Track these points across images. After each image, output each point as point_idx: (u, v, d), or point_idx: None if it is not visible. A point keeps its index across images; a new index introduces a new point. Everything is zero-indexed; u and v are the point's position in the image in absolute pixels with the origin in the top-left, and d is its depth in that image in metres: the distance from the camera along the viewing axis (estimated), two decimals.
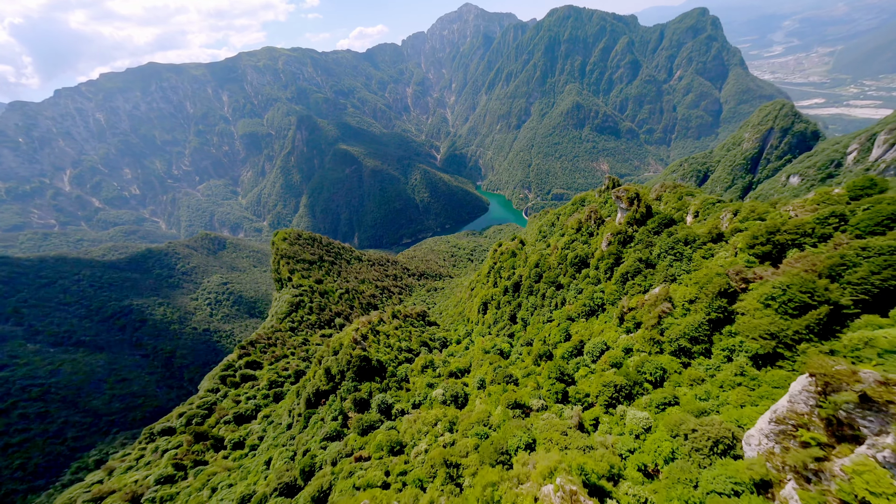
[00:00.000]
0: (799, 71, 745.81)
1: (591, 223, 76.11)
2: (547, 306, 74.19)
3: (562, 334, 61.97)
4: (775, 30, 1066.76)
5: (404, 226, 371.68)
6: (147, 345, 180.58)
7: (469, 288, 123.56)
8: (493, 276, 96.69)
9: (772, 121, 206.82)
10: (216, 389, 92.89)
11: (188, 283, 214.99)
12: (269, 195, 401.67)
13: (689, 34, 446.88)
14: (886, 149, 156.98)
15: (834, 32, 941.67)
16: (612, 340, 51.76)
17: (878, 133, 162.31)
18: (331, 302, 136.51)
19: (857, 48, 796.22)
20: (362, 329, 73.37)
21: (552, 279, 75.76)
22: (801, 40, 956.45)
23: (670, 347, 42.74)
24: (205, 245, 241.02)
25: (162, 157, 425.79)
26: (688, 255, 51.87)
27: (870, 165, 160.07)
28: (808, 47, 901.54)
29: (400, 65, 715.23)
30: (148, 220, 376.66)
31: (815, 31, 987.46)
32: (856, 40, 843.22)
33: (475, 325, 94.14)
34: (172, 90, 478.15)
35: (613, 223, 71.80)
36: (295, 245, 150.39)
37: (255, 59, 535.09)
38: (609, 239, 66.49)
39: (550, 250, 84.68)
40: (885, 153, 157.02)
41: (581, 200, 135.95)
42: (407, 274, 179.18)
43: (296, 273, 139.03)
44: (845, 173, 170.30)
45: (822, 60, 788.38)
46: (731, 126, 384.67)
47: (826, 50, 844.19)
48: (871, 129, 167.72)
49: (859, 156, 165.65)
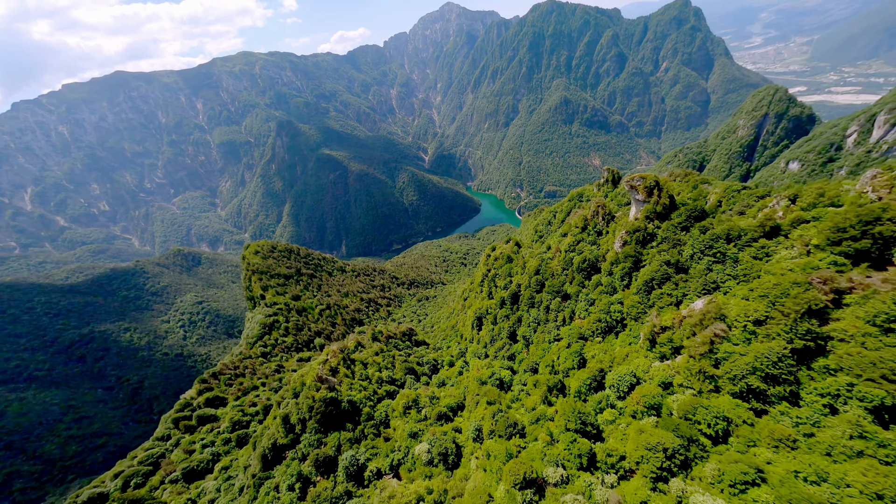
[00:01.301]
0: (779, 60, 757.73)
1: (598, 220, 64.76)
2: (552, 321, 62.45)
3: (574, 358, 50.16)
4: (753, 21, 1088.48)
5: (394, 231, 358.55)
6: (111, 376, 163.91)
7: (462, 297, 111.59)
8: (487, 286, 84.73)
9: (766, 106, 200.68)
10: (167, 436, 78.69)
11: (159, 303, 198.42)
12: (250, 205, 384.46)
13: (673, 25, 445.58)
14: (887, 129, 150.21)
15: (809, 22, 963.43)
16: (642, 370, 39.96)
17: (877, 114, 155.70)
18: (310, 320, 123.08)
19: (833, 37, 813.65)
20: (332, 361, 60.50)
21: (556, 288, 64.05)
22: (779, 31, 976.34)
23: (733, 387, 30.99)
24: (177, 262, 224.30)
25: (133, 169, 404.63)
26: (732, 255, 40.63)
27: (871, 147, 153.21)
28: (785, 37, 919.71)
29: (383, 66, 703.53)
30: (119, 237, 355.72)
31: (792, 22, 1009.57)
32: (831, 29, 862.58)
33: (469, 342, 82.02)
34: (142, 99, 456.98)
35: (626, 219, 60.52)
36: (269, 258, 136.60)
37: (231, 65, 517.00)
38: (624, 238, 55.12)
39: (552, 253, 73.10)
40: (887, 134, 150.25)
41: (578, 196, 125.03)
42: (396, 283, 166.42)
43: (270, 290, 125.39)
44: (846, 156, 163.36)
45: (801, 50, 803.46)
46: (721, 116, 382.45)
47: (803, 39, 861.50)
48: (870, 111, 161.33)
49: (860, 138, 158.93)
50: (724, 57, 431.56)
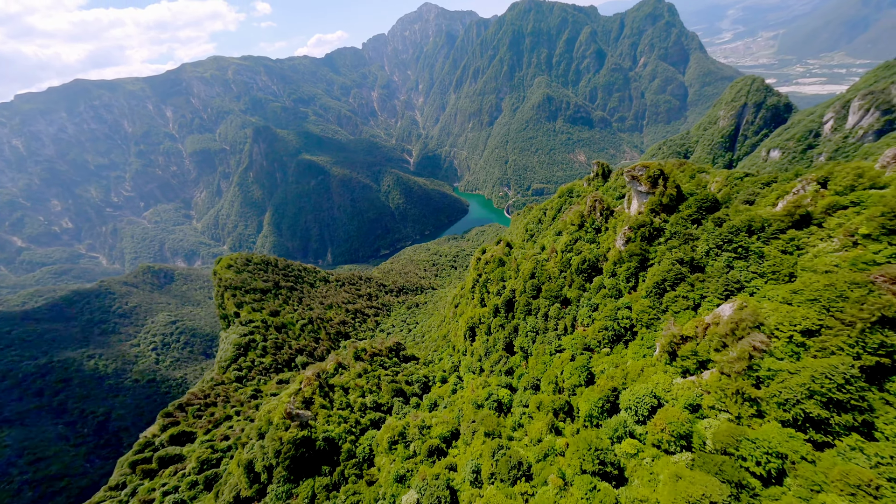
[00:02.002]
0: (749, 55, 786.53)
1: (596, 216, 59.31)
2: (552, 330, 56.51)
3: (580, 374, 44.18)
4: (721, 18, 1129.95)
5: (381, 236, 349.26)
6: (73, 409, 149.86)
7: (453, 304, 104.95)
8: (478, 292, 78.34)
9: (745, 96, 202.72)
10: (122, 484, 68.84)
11: (127, 326, 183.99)
12: (228, 216, 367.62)
13: (649, 21, 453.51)
14: (862, 115, 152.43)
15: (774, 18, 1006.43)
16: (662, 388, 34.11)
17: (851, 100, 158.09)
18: (290, 337, 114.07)
19: (797, 31, 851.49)
20: (305, 390, 52.74)
21: (555, 293, 58.19)
22: (746, 26, 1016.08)
23: (782, 413, 25.35)
24: (147, 279, 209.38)
25: (98, 183, 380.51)
26: (756, 249, 35.49)
27: (848, 133, 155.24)
28: (753, 33, 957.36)
29: (362, 68, 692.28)
30: (85, 256, 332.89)
31: (757, 18, 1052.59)
32: (795, 24, 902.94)
33: (462, 354, 75.39)
34: (106, 108, 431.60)
35: (627, 213, 55.20)
36: (243, 272, 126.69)
37: (202, 70, 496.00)
38: (627, 235, 49.70)
39: (547, 254, 67.29)
40: (862, 119, 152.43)
41: (568, 192, 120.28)
42: (383, 291, 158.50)
43: (245, 306, 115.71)
44: (825, 142, 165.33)
45: (768, 44, 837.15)
46: (699, 108, 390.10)
47: (770, 34, 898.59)
48: (844, 97, 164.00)
49: (836, 124, 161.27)
50: (699, 51, 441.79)
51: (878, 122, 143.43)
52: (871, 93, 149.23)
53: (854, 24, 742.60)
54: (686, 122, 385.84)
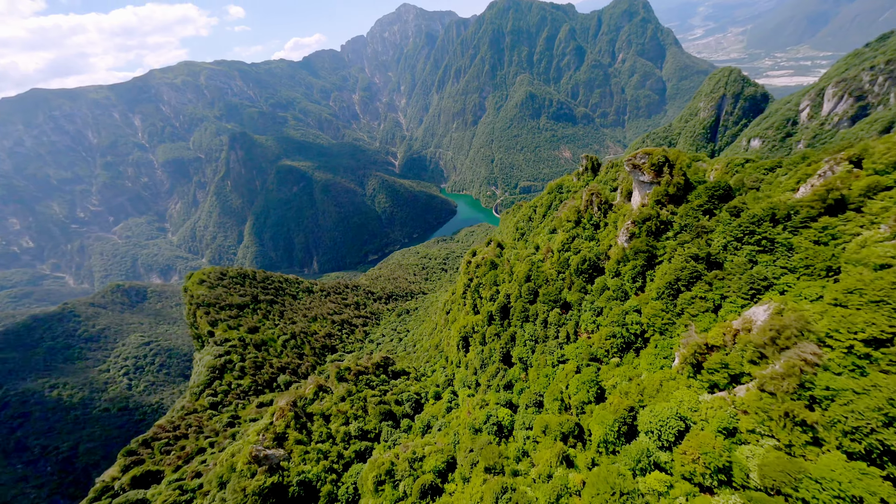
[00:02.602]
0: (720, 49, 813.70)
1: (593, 210, 54.67)
2: (553, 338, 51.40)
3: (589, 389, 39.09)
4: (693, 15, 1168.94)
5: (368, 242, 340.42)
6: (34, 446, 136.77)
7: (444, 311, 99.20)
8: (470, 298, 72.81)
9: (723, 87, 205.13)
10: None
11: (95, 350, 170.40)
12: (206, 227, 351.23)
13: (625, 18, 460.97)
14: (836, 102, 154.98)
15: (741, 14, 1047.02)
16: (688, 407, 29.28)
17: (825, 88, 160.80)
18: (272, 354, 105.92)
19: (763, 26, 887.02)
20: (278, 424, 45.91)
21: (553, 296, 53.13)
22: (716, 23, 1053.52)
23: (850, 443, 20.63)
24: (117, 299, 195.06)
25: (61, 198, 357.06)
26: (784, 241, 31.26)
27: (824, 120, 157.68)
28: (723, 29, 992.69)
29: (342, 71, 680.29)
30: (49, 276, 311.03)
31: (726, 14, 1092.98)
32: (761, 19, 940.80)
33: (456, 366, 69.65)
34: (67, 119, 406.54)
35: (628, 207, 50.63)
36: (217, 287, 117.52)
37: (171, 76, 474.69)
38: (630, 230, 45.04)
39: (542, 254, 62.30)
40: (836, 106, 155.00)
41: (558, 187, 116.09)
42: (372, 299, 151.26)
43: (220, 325, 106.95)
44: (802, 130, 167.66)
45: (738, 39, 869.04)
46: (678, 102, 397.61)
47: (739, 30, 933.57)
48: (818, 85, 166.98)
49: (812, 112, 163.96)
50: (675, 46, 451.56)
51: (852, 108, 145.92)
52: (844, 80, 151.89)
53: (815, 19, 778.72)
54: (666, 115, 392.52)
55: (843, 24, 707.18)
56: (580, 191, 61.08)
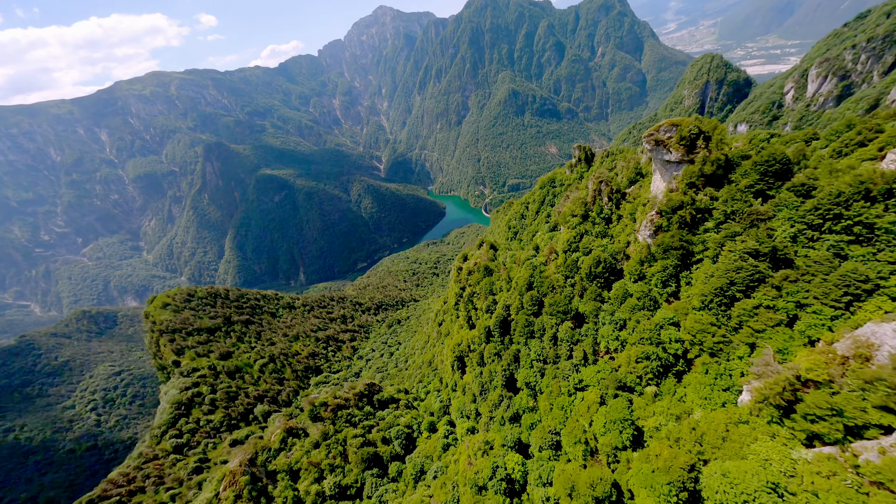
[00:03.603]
0: (693, 42, 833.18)
1: (603, 201, 47.35)
2: (565, 358, 43.73)
3: (623, 429, 31.50)
4: (665, 10, 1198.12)
5: (356, 249, 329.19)
6: None
7: (437, 322, 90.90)
8: (464, 309, 64.72)
9: (706, 74, 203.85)
10: None
11: (58, 385, 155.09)
12: (184, 243, 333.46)
13: (602, 12, 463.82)
14: (820, 82, 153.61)
15: (711, 7, 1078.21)
16: (780, 470, 21.54)
17: (808, 69, 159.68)
18: (247, 382, 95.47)
19: (732, 18, 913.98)
20: (226, 497, 36.53)
21: (562, 307, 45.33)
22: (688, 16, 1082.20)
23: None
24: (83, 327, 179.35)
25: (22, 221, 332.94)
26: (889, 226, 24.40)
27: (809, 101, 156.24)
28: (694, 22, 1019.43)
29: (321, 76, 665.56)
30: (12, 305, 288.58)
31: (697, 8, 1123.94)
32: (730, 11, 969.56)
33: (452, 390, 61.21)
34: (26, 137, 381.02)
35: (646, 194, 43.44)
36: (184, 311, 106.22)
37: (139, 87, 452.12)
38: (655, 222, 37.48)
39: (544, 256, 54.54)
40: (821, 87, 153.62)
41: (550, 181, 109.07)
42: (360, 311, 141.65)
43: (187, 352, 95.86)
44: (788, 112, 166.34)
45: (709, 31, 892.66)
46: (659, 93, 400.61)
47: (710, 22, 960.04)
48: (801, 67, 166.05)
49: (797, 94, 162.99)
50: (652, 38, 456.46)
51: (837, 87, 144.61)
52: (827, 60, 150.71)
53: (782, 9, 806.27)
54: (648, 107, 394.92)
55: (808, 13, 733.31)
56: (584, 180, 53.77)
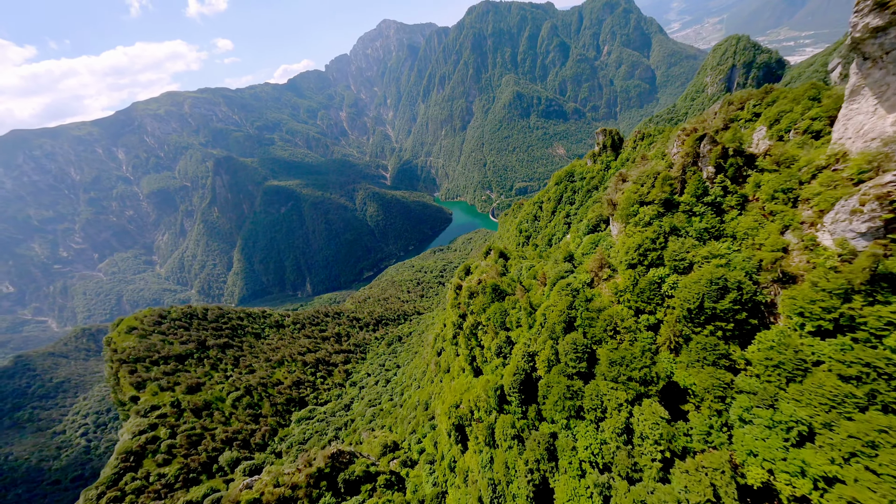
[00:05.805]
0: (700, 40, 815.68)
1: (706, 172, 26.66)
2: (652, 472, 21.34)
3: None
4: (668, 10, 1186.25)
5: (362, 258, 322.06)
6: None
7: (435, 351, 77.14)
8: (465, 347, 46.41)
9: (731, 58, 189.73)
10: None
11: (50, 408, 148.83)
12: (194, 256, 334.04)
13: (606, 10, 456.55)
14: None
15: (716, 4, 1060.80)
16: None
17: None
18: (216, 420, 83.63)
19: (739, 13, 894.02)
20: None
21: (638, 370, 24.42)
22: (692, 15, 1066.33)
23: None
24: (81, 345, 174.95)
25: (42, 239, 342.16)
26: None
27: None
28: (699, 20, 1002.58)
29: (328, 90, 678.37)
30: (31, 321, 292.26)
31: (700, 6, 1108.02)
32: (736, 7, 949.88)
33: (450, 470, 44.82)
34: (48, 158, 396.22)
35: (820, 151, 21.55)
36: (153, 335, 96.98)
37: (155, 107, 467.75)
38: (886, 202, 13.37)
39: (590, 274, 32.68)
40: None
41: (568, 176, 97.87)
42: (357, 327, 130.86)
43: (148, 386, 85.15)
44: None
45: (716, 28, 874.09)
46: (670, 89, 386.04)
47: (715, 19, 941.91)
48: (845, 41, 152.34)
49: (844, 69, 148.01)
50: (660, 34, 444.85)
51: None
52: None
53: (792, 1, 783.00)
54: (658, 104, 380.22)
55: (821, 2, 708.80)
56: (671, 139, 31.13)
